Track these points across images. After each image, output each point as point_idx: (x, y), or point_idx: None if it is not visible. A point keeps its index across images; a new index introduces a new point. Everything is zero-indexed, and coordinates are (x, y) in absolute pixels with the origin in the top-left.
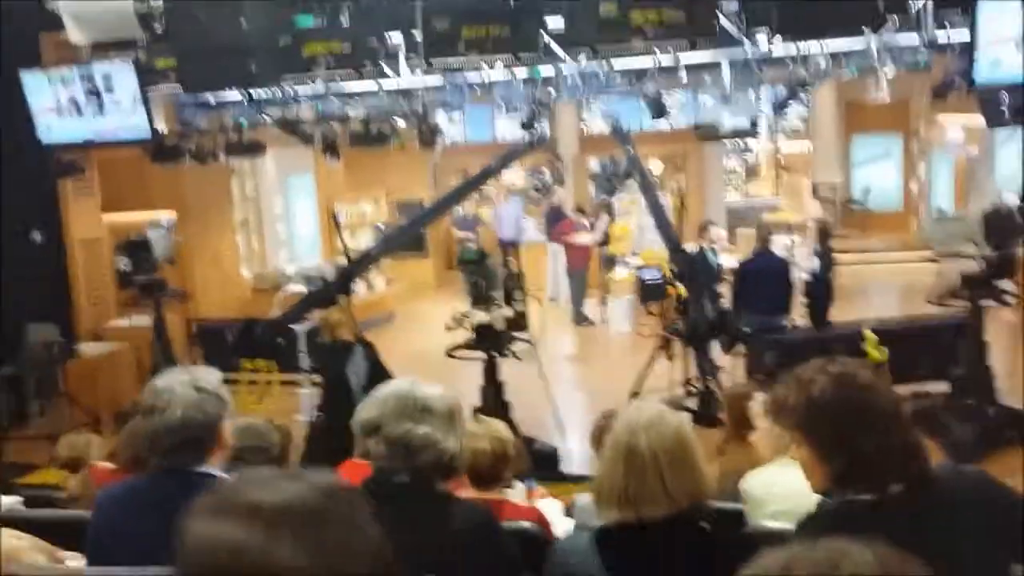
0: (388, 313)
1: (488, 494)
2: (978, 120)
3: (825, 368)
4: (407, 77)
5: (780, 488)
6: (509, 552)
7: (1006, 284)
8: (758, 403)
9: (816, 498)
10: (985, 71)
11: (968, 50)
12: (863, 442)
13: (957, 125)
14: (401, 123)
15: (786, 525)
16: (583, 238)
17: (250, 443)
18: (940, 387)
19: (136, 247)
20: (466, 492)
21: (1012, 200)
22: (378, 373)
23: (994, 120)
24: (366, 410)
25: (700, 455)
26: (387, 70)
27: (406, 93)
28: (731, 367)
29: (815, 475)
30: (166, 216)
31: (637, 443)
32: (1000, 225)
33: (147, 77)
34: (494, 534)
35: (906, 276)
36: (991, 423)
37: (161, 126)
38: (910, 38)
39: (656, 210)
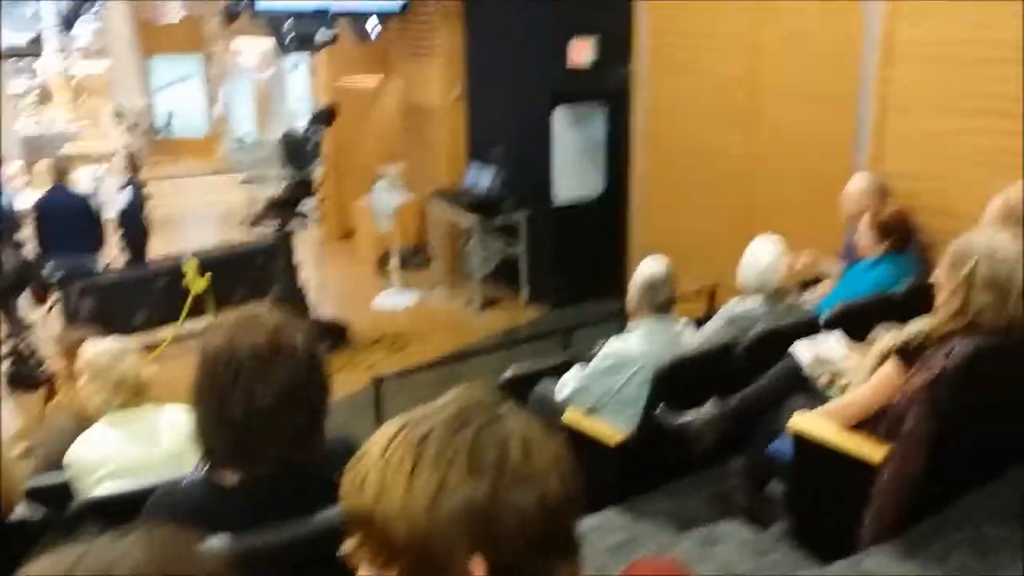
0: None
1: None
2: (272, 44)
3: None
4: None
5: (106, 448)
6: None
7: (309, 205)
8: (83, 356)
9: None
10: None
11: None
12: (222, 407)
13: (253, 49)
14: None
15: (119, 487)
16: None
17: None
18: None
19: None
20: None
21: (302, 125)
22: None
23: (283, 46)
24: None
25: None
26: None
27: None
28: (44, 320)
29: None
30: None
31: None
32: (295, 149)
33: None
34: None
35: (219, 203)
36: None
37: None
38: None
39: None
